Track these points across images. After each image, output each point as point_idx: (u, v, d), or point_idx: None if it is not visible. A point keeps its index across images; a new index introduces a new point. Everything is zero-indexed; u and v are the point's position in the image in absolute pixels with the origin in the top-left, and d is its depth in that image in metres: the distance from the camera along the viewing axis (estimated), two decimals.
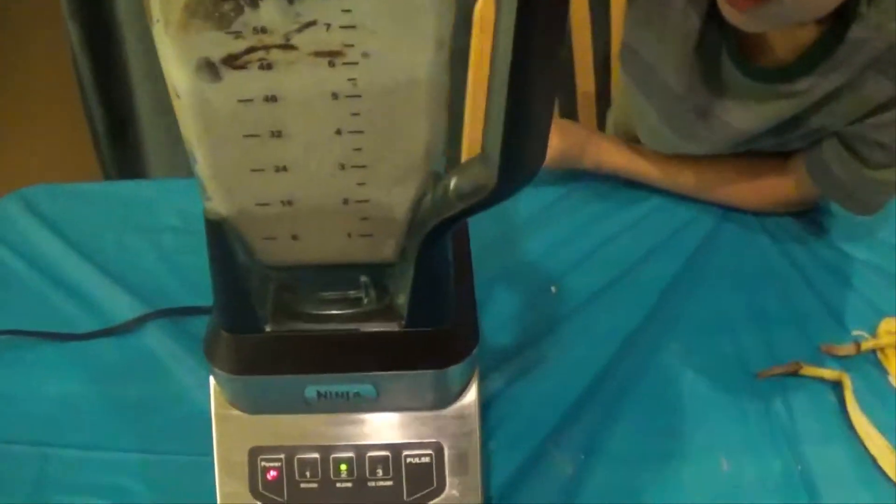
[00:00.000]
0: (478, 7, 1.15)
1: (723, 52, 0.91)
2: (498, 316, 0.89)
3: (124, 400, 0.79)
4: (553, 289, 0.93)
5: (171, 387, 0.81)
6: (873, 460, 0.75)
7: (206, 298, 0.87)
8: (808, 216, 1.03)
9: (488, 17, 1.19)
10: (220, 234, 0.56)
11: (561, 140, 1.03)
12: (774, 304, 0.91)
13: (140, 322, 0.86)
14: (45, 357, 0.82)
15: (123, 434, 0.77)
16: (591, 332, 0.87)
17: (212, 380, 0.63)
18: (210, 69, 0.49)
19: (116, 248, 0.96)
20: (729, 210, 1.03)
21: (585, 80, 1.37)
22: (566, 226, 1.01)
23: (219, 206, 0.55)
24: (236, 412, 0.63)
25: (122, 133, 1.86)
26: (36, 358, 0.82)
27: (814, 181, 0.96)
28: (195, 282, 0.92)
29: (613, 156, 1.05)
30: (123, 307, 0.88)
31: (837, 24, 0.83)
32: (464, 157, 1.27)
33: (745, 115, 0.93)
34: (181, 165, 1.79)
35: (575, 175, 1.07)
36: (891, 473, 0.73)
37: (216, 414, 0.63)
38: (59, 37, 1.71)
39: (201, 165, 0.53)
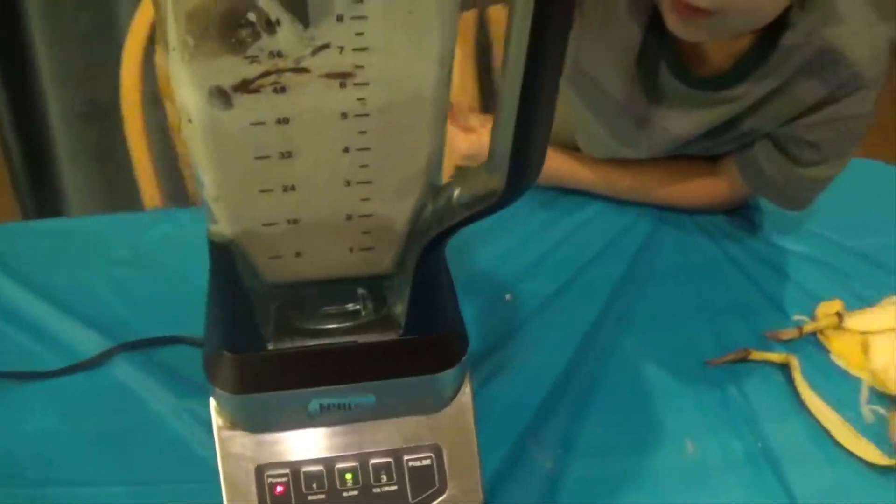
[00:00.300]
0: None
1: (662, 62, 0.96)
2: None
3: (103, 433, 0.79)
4: (508, 296, 0.97)
5: (146, 417, 0.81)
6: (827, 433, 0.80)
7: (165, 328, 0.89)
8: (740, 213, 1.09)
9: None
10: (224, 256, 0.58)
11: None
12: (718, 297, 0.96)
13: (106, 356, 0.86)
14: (17, 397, 0.82)
15: (107, 467, 0.76)
16: (551, 334, 0.91)
17: (212, 401, 0.64)
18: (222, 96, 0.50)
19: (70, 284, 0.95)
20: (665, 212, 1.09)
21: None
22: (514, 236, 1.05)
23: (225, 228, 0.57)
24: (239, 432, 0.64)
25: (41, 171, 1.83)
26: (8, 399, 0.81)
27: (746, 181, 1.02)
28: (153, 313, 0.92)
29: (556, 163, 1.09)
30: (86, 342, 0.87)
31: (769, 33, 0.88)
32: None
33: (683, 121, 0.98)
34: (100, 202, 1.78)
35: None
36: (845, 443, 0.79)
37: (219, 435, 0.64)
38: None
39: (209, 189, 0.55)
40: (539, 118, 0.51)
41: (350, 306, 0.63)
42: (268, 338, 0.61)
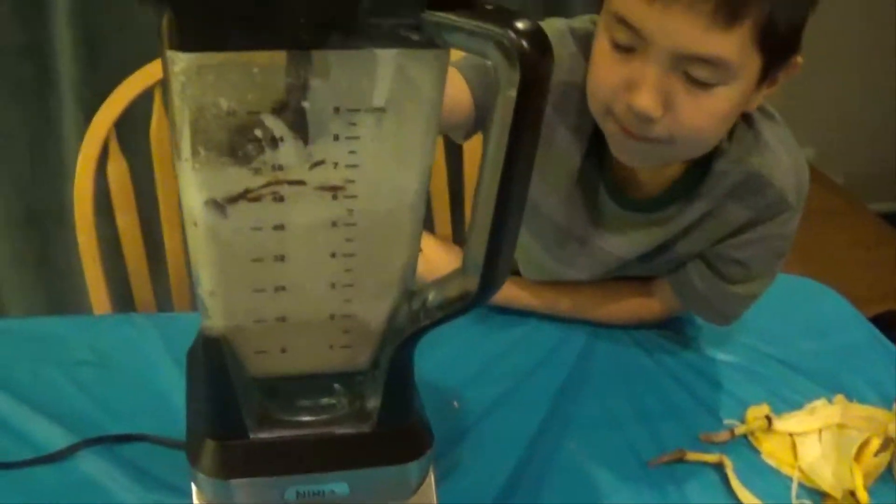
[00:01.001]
0: None
1: (600, 185, 1.03)
2: None
3: None
4: (455, 403, 1.02)
5: None
6: None
7: (128, 426, 0.92)
8: (671, 327, 1.16)
9: None
10: (214, 349, 0.62)
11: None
12: (654, 403, 1.02)
13: (73, 450, 0.88)
14: None
15: None
16: (498, 438, 0.96)
17: (194, 487, 0.68)
18: (218, 208, 0.56)
19: (34, 381, 0.97)
20: (598, 327, 1.15)
21: (443, 224, 1.48)
22: (453, 349, 1.09)
23: (217, 323, 0.62)
24: None
25: None
26: None
27: (679, 298, 1.09)
28: (117, 411, 0.95)
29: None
30: (51, 437, 0.90)
31: (701, 159, 0.97)
32: None
33: (620, 243, 1.05)
34: (38, 307, 1.79)
35: None
36: None
37: None
38: None
39: (206, 287, 0.60)
40: (509, 230, 0.57)
41: (327, 400, 0.68)
42: (250, 427, 0.66)
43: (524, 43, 0.50)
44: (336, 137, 0.55)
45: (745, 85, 0.86)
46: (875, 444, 0.92)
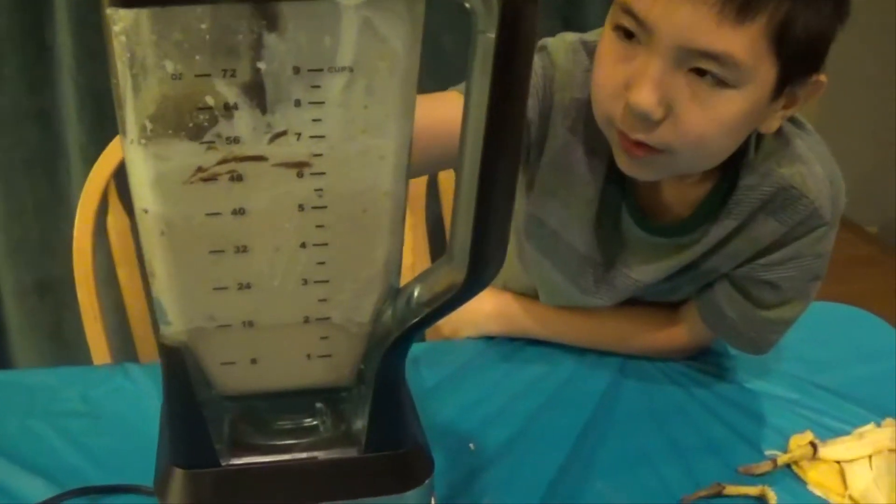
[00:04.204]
0: None
1: (623, 211, 0.97)
2: None
3: None
4: (471, 445, 0.94)
5: None
6: None
7: (116, 478, 0.85)
8: (707, 360, 1.08)
9: None
10: (176, 361, 0.55)
11: (494, 303, 1.09)
12: (688, 437, 0.94)
13: (55, 501, 0.82)
14: None
15: None
16: (517, 479, 0.88)
17: None
18: (169, 190, 0.50)
19: (20, 433, 0.92)
20: (627, 361, 1.07)
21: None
22: (475, 387, 1.03)
23: (176, 328, 0.55)
24: None
25: None
26: None
27: (707, 324, 1.01)
28: (105, 463, 0.89)
29: (513, 312, 1.09)
30: (34, 489, 0.83)
31: (726, 175, 0.90)
32: None
33: (646, 269, 0.99)
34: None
35: (480, 341, 1.10)
36: None
37: None
38: None
39: (162, 284, 0.53)
40: (498, 208, 0.51)
41: (308, 421, 0.61)
42: (221, 453, 0.58)
43: None
44: (297, 103, 0.49)
45: (757, 93, 0.80)
46: None
